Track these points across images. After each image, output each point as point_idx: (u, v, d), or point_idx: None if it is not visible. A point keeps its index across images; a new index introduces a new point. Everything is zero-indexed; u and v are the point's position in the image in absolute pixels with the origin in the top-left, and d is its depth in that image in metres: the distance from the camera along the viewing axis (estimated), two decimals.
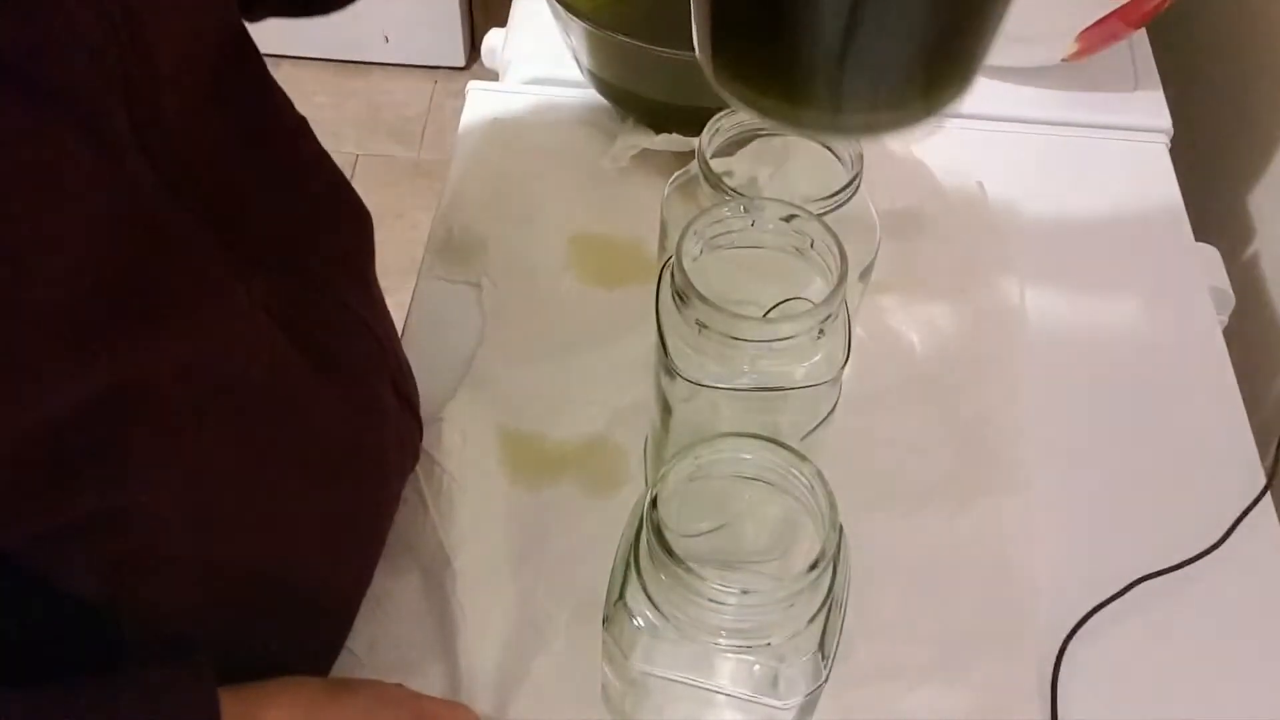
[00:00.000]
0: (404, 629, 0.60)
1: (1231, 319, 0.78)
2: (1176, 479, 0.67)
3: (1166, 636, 0.61)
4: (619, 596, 0.48)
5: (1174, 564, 0.62)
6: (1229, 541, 0.63)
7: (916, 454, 0.67)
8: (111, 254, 0.37)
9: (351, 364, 0.55)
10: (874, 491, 0.65)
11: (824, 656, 0.46)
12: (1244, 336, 0.79)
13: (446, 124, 2.04)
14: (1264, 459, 0.67)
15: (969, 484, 0.66)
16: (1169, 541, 0.63)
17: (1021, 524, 0.64)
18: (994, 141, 0.85)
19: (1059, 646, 0.60)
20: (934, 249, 0.77)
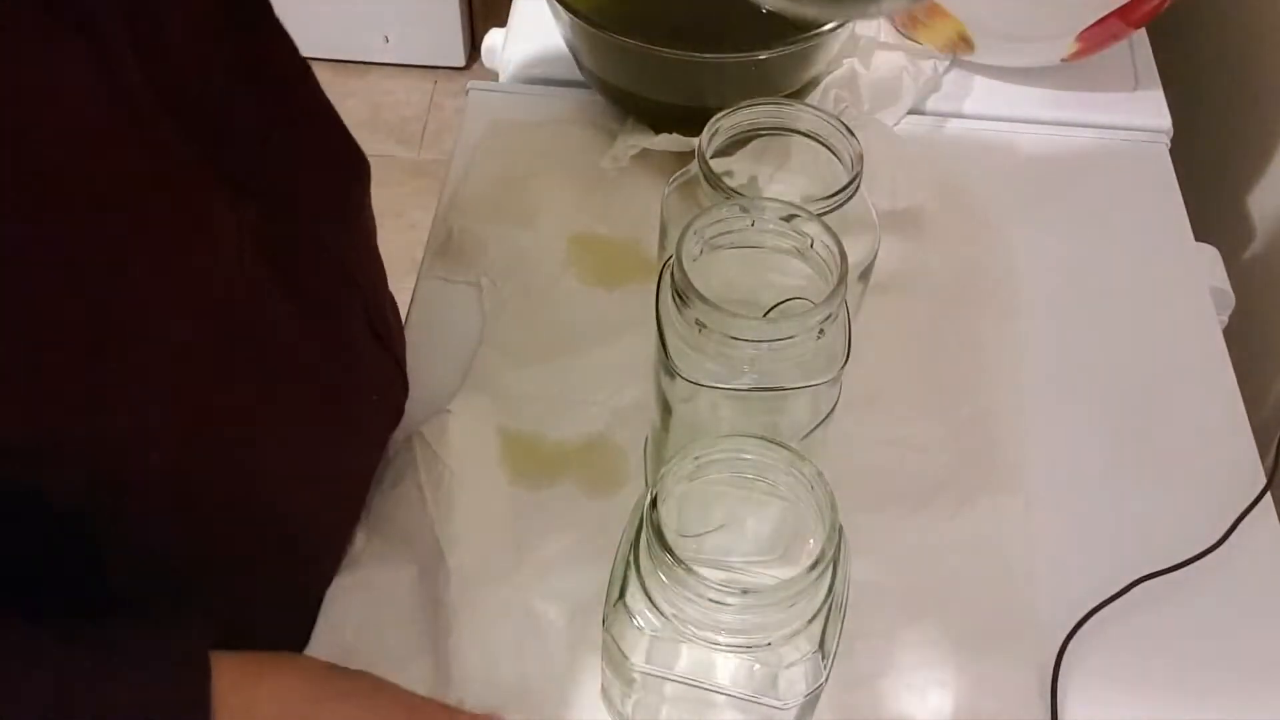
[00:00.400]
0: (397, 623, 0.60)
1: (1231, 319, 0.78)
2: (1176, 479, 0.67)
3: (1166, 636, 0.61)
4: (619, 596, 0.48)
5: (1174, 564, 0.62)
6: (1229, 541, 0.63)
7: (916, 454, 0.67)
8: (104, 167, 0.39)
9: (326, 303, 0.56)
10: (874, 491, 0.65)
11: (824, 656, 0.46)
12: (1244, 336, 0.79)
13: (446, 124, 2.04)
14: (1264, 459, 0.67)
15: (969, 484, 0.66)
16: (1169, 541, 0.63)
17: (1021, 524, 0.64)
18: (994, 141, 0.85)
19: (1059, 646, 0.60)
20: (934, 249, 0.77)
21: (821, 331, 0.50)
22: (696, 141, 0.59)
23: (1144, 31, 0.90)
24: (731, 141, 0.61)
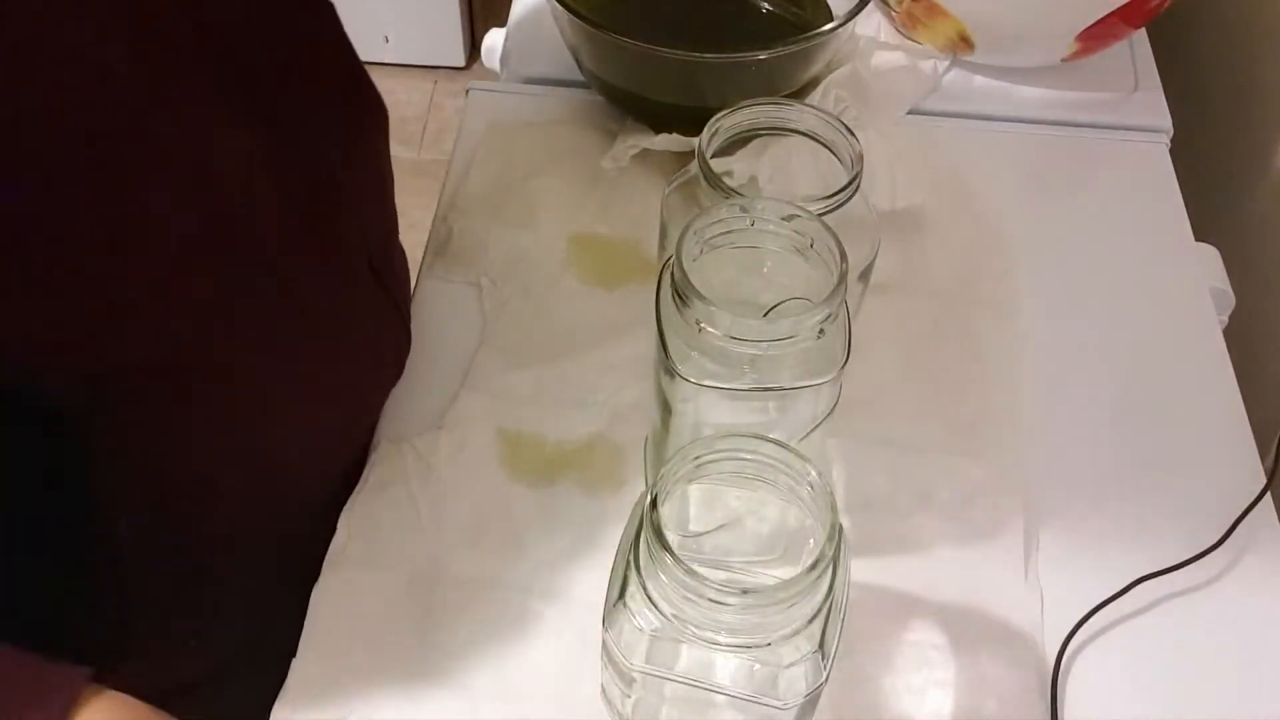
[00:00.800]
0: (393, 626, 0.60)
1: (1231, 319, 0.78)
2: (1176, 479, 0.67)
3: (1166, 636, 0.61)
4: (619, 596, 0.48)
5: (1174, 564, 0.62)
6: (1229, 541, 0.63)
7: (916, 454, 0.67)
8: (124, 70, 0.42)
9: (328, 233, 0.58)
10: (874, 491, 0.65)
11: (824, 656, 0.46)
12: (1244, 336, 0.79)
13: (446, 124, 2.04)
14: (1264, 459, 0.67)
15: (969, 484, 0.66)
16: (1169, 541, 0.63)
17: (1021, 524, 0.64)
18: (994, 141, 0.85)
19: (1059, 647, 0.60)
20: (934, 249, 0.77)
21: (821, 331, 0.50)
22: (696, 141, 0.59)
23: (1144, 31, 0.90)
24: (731, 141, 0.61)
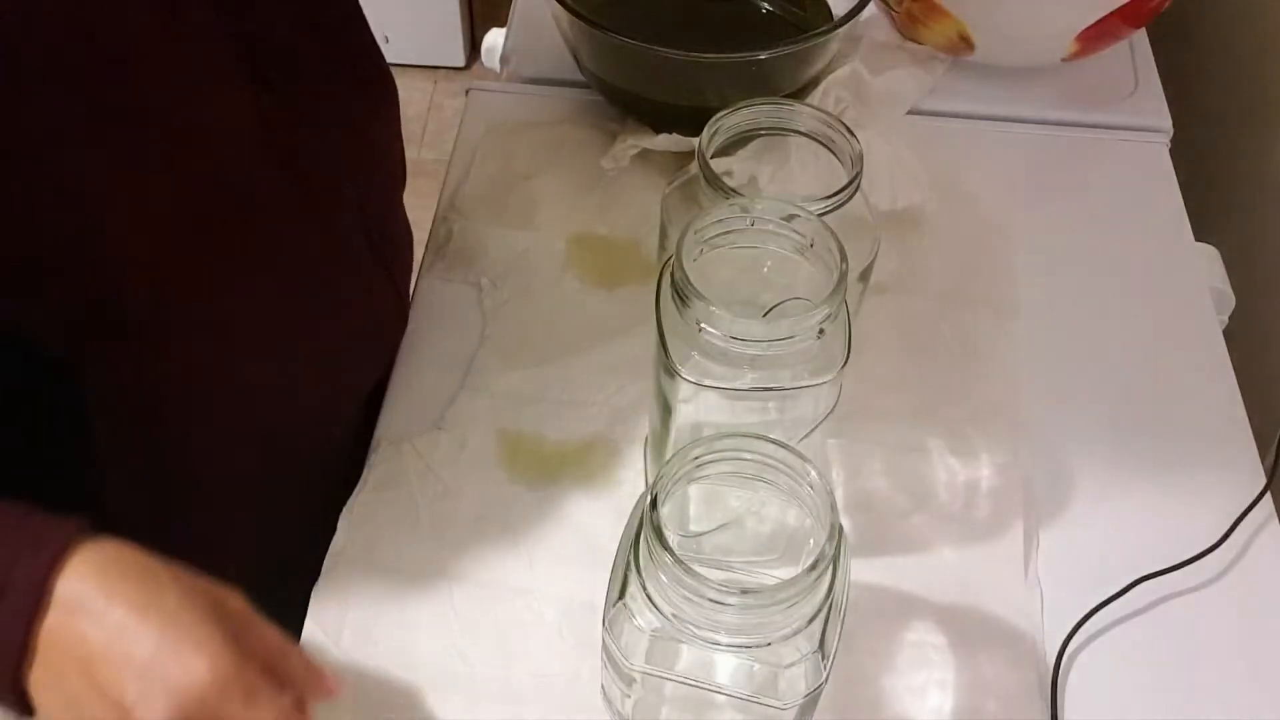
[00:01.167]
0: (391, 627, 0.60)
1: (1231, 319, 0.78)
2: (1176, 479, 0.67)
3: (1166, 636, 0.61)
4: (619, 596, 0.48)
5: (1174, 564, 0.62)
6: (1229, 541, 0.63)
7: (916, 454, 0.67)
8: (125, 20, 0.45)
9: (327, 199, 0.59)
10: (874, 491, 0.65)
11: (824, 656, 0.46)
12: (1244, 336, 0.79)
13: (446, 124, 2.04)
14: (1264, 459, 0.67)
15: (969, 484, 0.66)
16: (1169, 541, 0.63)
17: (1021, 524, 0.64)
18: (994, 141, 0.85)
19: (1059, 646, 0.60)
20: (934, 249, 0.77)
21: (821, 331, 0.50)
22: (696, 141, 0.59)
23: (1144, 31, 0.90)
24: (731, 141, 0.61)
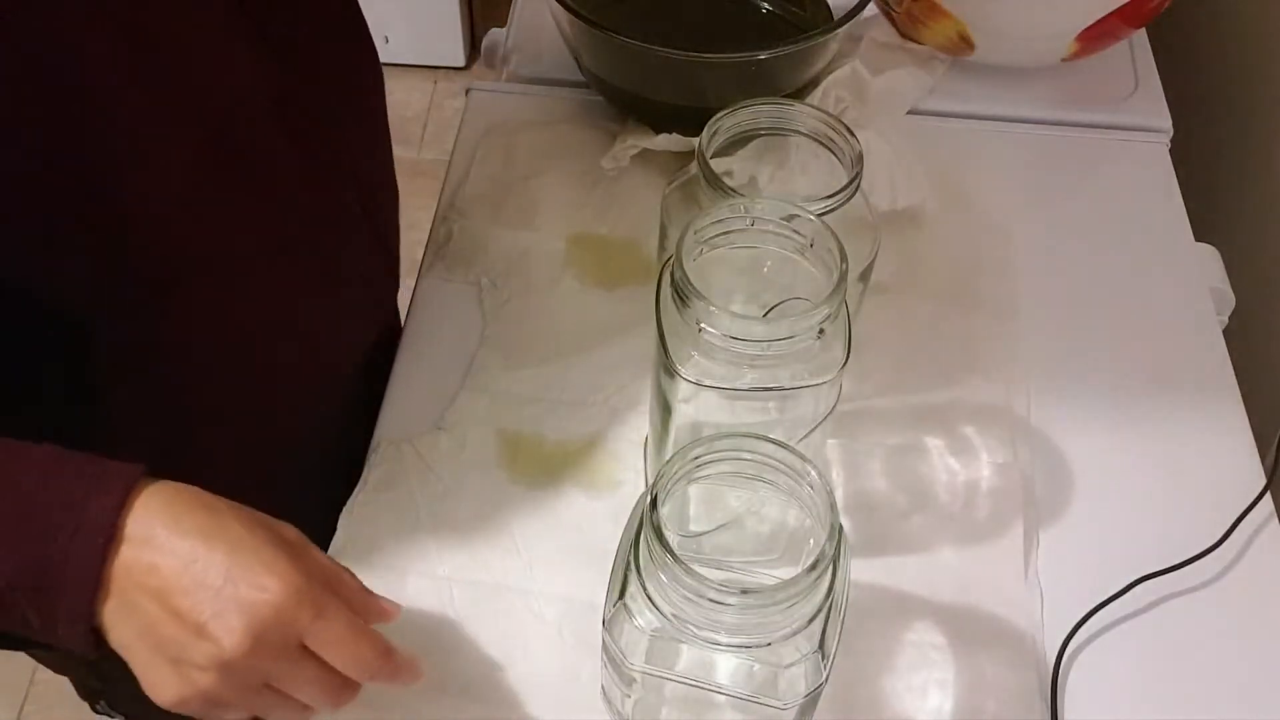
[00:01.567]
0: (393, 626, 0.60)
1: (1231, 319, 0.78)
2: (1176, 479, 0.67)
3: (1166, 636, 0.61)
4: (619, 596, 0.48)
5: (1174, 564, 0.62)
6: (1229, 541, 0.63)
7: (916, 454, 0.67)
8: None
9: (322, 166, 0.62)
10: (874, 491, 0.65)
11: (824, 656, 0.46)
12: (1244, 336, 0.79)
13: (446, 124, 2.04)
14: (1264, 459, 0.67)
15: (968, 484, 0.66)
16: (1169, 541, 0.63)
17: (1021, 524, 0.64)
18: (994, 141, 0.85)
19: (1059, 646, 0.60)
20: (934, 249, 0.77)
21: (821, 331, 0.50)
22: (696, 141, 0.59)
23: (1144, 31, 0.90)
24: (731, 141, 0.61)
